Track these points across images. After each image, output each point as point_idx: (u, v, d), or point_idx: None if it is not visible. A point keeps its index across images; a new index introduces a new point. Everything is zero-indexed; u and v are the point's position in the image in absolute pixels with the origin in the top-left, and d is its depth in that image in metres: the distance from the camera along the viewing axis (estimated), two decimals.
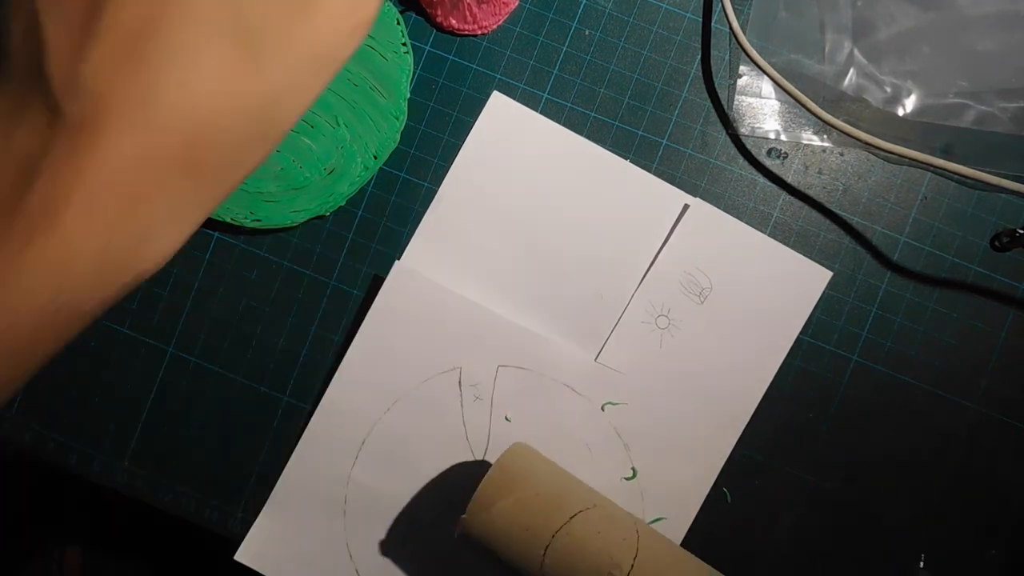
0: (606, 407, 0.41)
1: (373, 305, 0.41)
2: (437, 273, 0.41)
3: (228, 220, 0.41)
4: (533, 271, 0.41)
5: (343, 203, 0.41)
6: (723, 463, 0.41)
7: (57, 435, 0.43)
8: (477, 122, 0.41)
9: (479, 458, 0.41)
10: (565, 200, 0.41)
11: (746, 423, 0.41)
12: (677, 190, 0.41)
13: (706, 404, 0.41)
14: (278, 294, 0.42)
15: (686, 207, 0.41)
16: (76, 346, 0.42)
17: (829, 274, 0.41)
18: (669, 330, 0.41)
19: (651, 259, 0.41)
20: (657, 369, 0.41)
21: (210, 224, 0.42)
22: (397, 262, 0.41)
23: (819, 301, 0.41)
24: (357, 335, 0.41)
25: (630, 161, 0.41)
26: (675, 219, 0.41)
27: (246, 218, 0.41)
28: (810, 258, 0.41)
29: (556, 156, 0.41)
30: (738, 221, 0.41)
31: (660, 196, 0.41)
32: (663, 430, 0.41)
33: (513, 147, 0.41)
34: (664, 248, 0.41)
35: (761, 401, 0.41)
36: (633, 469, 0.41)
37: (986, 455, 0.41)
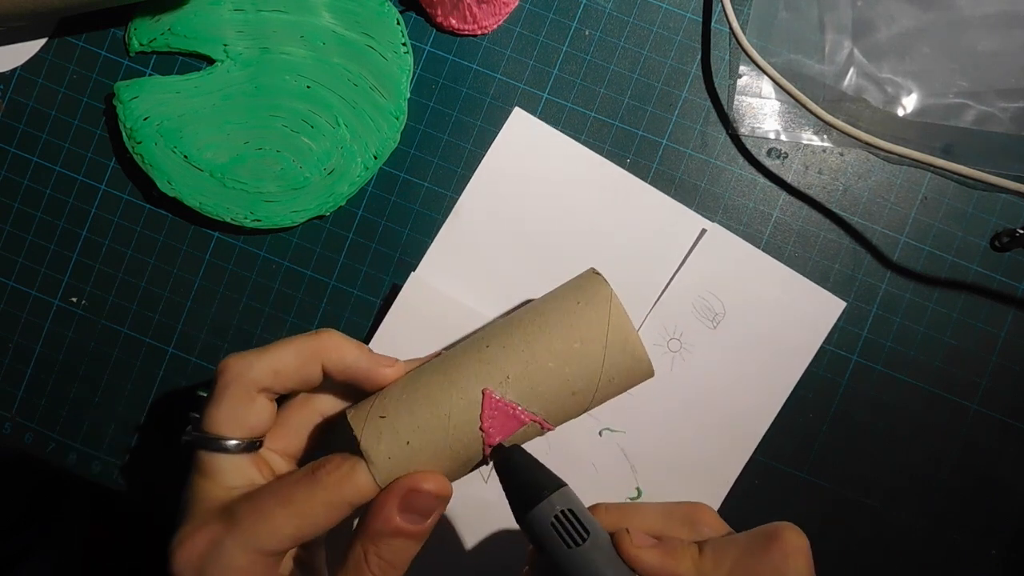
0: (604, 433, 0.41)
1: (388, 315, 0.41)
2: (451, 285, 0.41)
3: (228, 220, 0.41)
4: (546, 288, 0.41)
5: (343, 203, 0.41)
6: (729, 488, 0.40)
7: (57, 435, 0.43)
8: (497, 137, 0.41)
9: (484, 475, 0.41)
10: (582, 219, 0.41)
11: (753, 450, 0.41)
12: (695, 214, 0.41)
13: (715, 429, 0.40)
14: (278, 294, 0.42)
15: (703, 232, 0.41)
16: (76, 346, 0.43)
17: (843, 304, 0.40)
18: (681, 354, 0.41)
19: (666, 282, 0.41)
20: (667, 392, 0.41)
21: (210, 224, 0.42)
22: (413, 274, 0.41)
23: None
24: (370, 345, 0.41)
25: (630, 161, 0.41)
26: (692, 243, 0.41)
27: (246, 218, 0.41)
28: (810, 258, 0.41)
29: (575, 175, 0.41)
30: (754, 248, 0.41)
31: (677, 220, 0.41)
32: (671, 453, 0.40)
33: (533, 164, 0.41)
34: (679, 272, 0.41)
35: None
36: (638, 489, 0.41)
37: (986, 455, 0.41)
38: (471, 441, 0.30)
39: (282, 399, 0.33)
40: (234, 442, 0.31)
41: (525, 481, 0.29)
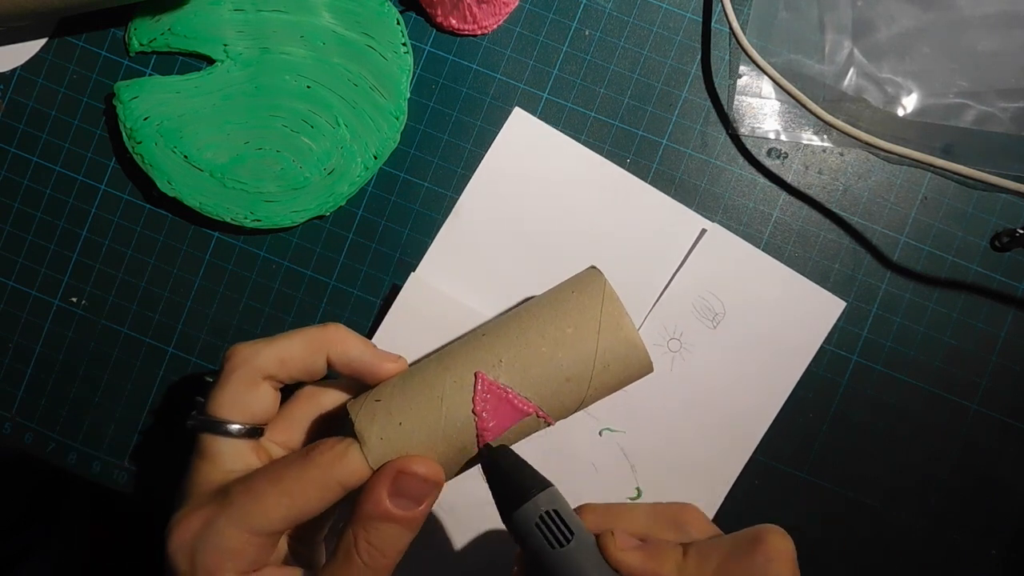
0: (604, 432, 0.41)
1: (388, 315, 0.41)
2: (451, 285, 0.41)
3: (228, 220, 0.41)
4: (546, 288, 0.41)
5: (343, 203, 0.41)
6: (729, 488, 0.40)
7: (57, 435, 0.43)
8: (497, 137, 0.41)
9: (482, 474, 0.41)
10: (582, 219, 0.41)
11: (753, 449, 0.41)
12: (695, 214, 0.41)
13: (714, 429, 0.40)
14: (278, 294, 0.42)
15: (703, 232, 0.41)
16: (76, 346, 0.43)
17: (843, 304, 0.40)
18: (680, 354, 0.41)
19: (666, 282, 0.41)
20: (667, 392, 0.41)
21: (210, 224, 0.42)
22: (413, 274, 0.41)
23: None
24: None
25: (630, 161, 0.41)
26: (692, 243, 0.41)
27: (246, 218, 0.41)
28: (810, 258, 0.41)
29: (575, 175, 0.41)
30: (754, 248, 0.41)
31: (678, 220, 0.41)
32: (670, 452, 0.40)
33: (533, 164, 0.41)
34: (679, 272, 0.41)
35: None
36: (638, 489, 0.41)
37: (986, 455, 0.41)
38: (464, 424, 0.30)
39: (287, 393, 0.33)
40: (236, 426, 0.31)
41: (511, 481, 0.29)
